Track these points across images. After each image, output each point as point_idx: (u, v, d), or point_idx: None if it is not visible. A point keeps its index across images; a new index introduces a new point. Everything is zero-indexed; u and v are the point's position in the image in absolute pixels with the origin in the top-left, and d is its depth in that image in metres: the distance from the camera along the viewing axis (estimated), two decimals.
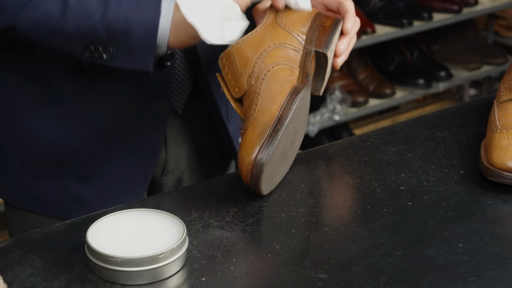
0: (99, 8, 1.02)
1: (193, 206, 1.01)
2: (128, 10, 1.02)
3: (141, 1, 1.03)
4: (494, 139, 1.05)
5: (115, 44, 1.04)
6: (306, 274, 0.87)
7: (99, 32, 1.03)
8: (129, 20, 1.02)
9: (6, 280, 0.86)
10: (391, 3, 2.98)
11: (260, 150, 0.96)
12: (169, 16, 1.03)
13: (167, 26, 1.03)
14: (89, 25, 1.02)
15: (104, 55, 1.04)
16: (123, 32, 1.03)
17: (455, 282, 0.85)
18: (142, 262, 0.85)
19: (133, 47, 1.04)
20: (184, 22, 1.01)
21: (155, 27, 1.03)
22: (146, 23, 1.03)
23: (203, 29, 0.97)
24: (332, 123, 2.87)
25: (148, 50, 1.04)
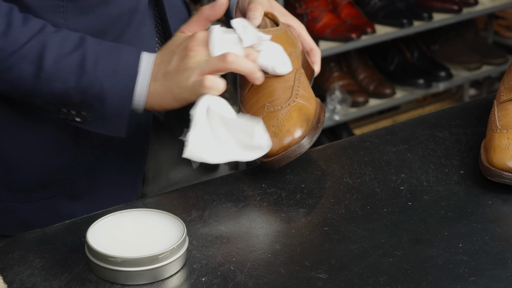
0: (74, 73, 1.01)
1: (193, 206, 1.01)
2: (103, 76, 1.01)
3: (118, 67, 1.02)
4: (494, 139, 1.05)
5: (88, 109, 1.03)
6: (306, 274, 0.87)
7: (72, 96, 1.02)
8: (104, 86, 1.01)
9: (6, 280, 0.86)
10: (391, 3, 2.98)
11: (308, 134, 1.04)
12: (146, 84, 1.03)
13: (143, 93, 1.03)
14: (63, 90, 1.02)
15: (76, 118, 1.04)
16: (97, 98, 1.02)
17: (455, 282, 0.85)
18: (142, 262, 0.85)
19: (106, 113, 1.03)
20: (159, 95, 1.02)
21: (130, 94, 1.02)
22: (121, 90, 1.02)
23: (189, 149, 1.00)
24: (332, 123, 2.87)
25: (122, 117, 1.03)
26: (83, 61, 1.02)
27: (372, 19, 2.95)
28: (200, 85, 1.00)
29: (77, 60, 1.02)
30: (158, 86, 1.03)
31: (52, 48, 1.01)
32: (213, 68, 1.00)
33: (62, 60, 1.01)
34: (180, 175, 1.28)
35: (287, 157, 1.03)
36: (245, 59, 1.02)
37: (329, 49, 2.79)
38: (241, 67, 1.01)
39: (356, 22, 2.88)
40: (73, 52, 1.02)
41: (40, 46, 1.01)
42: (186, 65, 1.01)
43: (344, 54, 3.03)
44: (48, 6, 1.06)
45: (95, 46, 1.03)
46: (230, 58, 1.00)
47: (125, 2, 1.10)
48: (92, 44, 1.03)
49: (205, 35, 1.03)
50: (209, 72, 1.00)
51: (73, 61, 1.01)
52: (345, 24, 2.85)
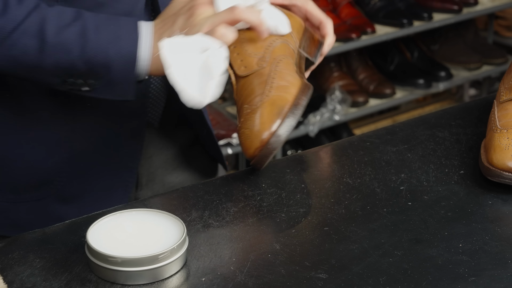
0: (77, 42, 1.01)
1: (193, 206, 1.01)
2: (107, 43, 1.02)
3: (120, 33, 1.02)
4: (494, 139, 1.05)
5: (95, 77, 1.03)
6: (306, 274, 0.87)
7: (78, 66, 1.02)
8: (108, 53, 1.02)
9: (6, 280, 0.86)
10: (391, 3, 2.98)
11: (280, 125, 1.01)
12: (149, 47, 1.03)
13: (147, 57, 1.03)
14: (68, 60, 1.01)
15: (83, 87, 1.04)
16: (103, 65, 1.02)
17: (455, 282, 0.85)
18: (142, 262, 0.85)
19: (113, 79, 1.03)
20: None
21: (134, 58, 1.02)
22: (125, 55, 1.02)
23: (183, 94, 0.99)
24: (332, 123, 2.87)
25: (128, 81, 1.03)
26: (85, 30, 1.02)
27: (372, 19, 2.95)
28: (212, 34, 1.00)
29: (78, 30, 1.02)
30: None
31: (52, 20, 1.01)
32: (223, 20, 1.01)
33: (63, 31, 1.01)
34: (174, 180, 1.28)
35: (266, 153, 1.02)
36: (253, 11, 1.03)
37: None
38: (250, 17, 1.02)
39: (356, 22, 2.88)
40: (73, 23, 1.02)
41: (39, 20, 1.01)
42: (193, 22, 1.02)
43: (344, 54, 3.03)
44: None
45: (93, 17, 1.03)
46: (238, 10, 1.01)
47: (120, 5, 1.10)
48: (90, 15, 1.04)
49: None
50: (219, 24, 1.01)
51: (75, 31, 1.01)
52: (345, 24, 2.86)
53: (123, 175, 1.19)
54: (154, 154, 1.25)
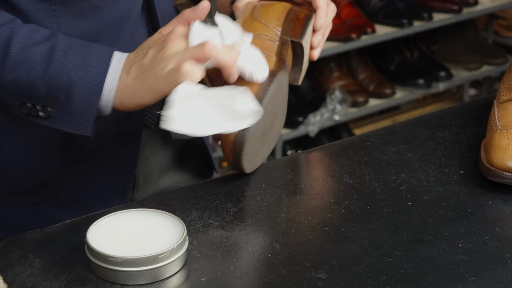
0: (42, 62, 0.98)
1: (193, 206, 1.01)
2: (72, 67, 0.98)
3: (88, 59, 0.98)
4: (494, 139, 1.05)
5: (54, 102, 0.98)
6: (306, 274, 0.87)
7: (38, 87, 0.98)
8: (72, 77, 0.97)
9: (6, 280, 0.86)
10: (391, 3, 2.98)
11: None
12: (116, 78, 0.98)
13: (113, 88, 0.98)
14: (29, 79, 0.98)
15: (40, 113, 0.99)
16: (64, 89, 0.98)
17: (455, 282, 0.85)
18: (142, 262, 0.85)
19: (73, 107, 0.98)
20: (132, 89, 0.97)
21: (99, 87, 0.98)
22: (89, 82, 0.98)
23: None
24: (332, 123, 2.87)
25: (88, 112, 0.98)
26: (52, 51, 0.98)
27: (372, 19, 2.95)
28: (177, 72, 0.94)
29: (45, 50, 0.98)
30: (131, 79, 0.98)
31: (20, 36, 0.98)
32: (191, 56, 0.96)
33: (29, 49, 0.98)
34: (170, 181, 1.28)
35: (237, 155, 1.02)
36: (224, 51, 0.97)
37: (329, 49, 2.79)
38: (220, 57, 0.96)
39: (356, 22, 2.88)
40: (42, 43, 0.99)
41: (8, 34, 0.98)
42: (162, 55, 0.97)
43: (344, 54, 3.03)
44: (41, 10, 1.05)
45: (66, 40, 1.00)
46: (209, 46, 0.95)
47: (117, 9, 1.09)
48: (63, 38, 1.00)
49: (184, 29, 1.00)
50: (187, 60, 0.96)
51: (42, 51, 0.98)
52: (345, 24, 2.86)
53: (120, 179, 1.18)
54: (150, 156, 1.25)
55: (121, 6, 1.10)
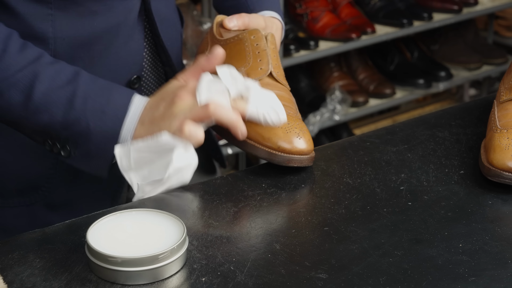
0: (62, 107, 1.00)
1: (193, 206, 1.01)
2: (91, 115, 1.01)
3: (107, 108, 1.01)
4: (494, 139, 1.05)
5: (73, 145, 1.02)
6: (306, 274, 0.87)
7: (58, 131, 1.01)
8: (90, 125, 1.00)
9: (6, 280, 0.86)
10: (391, 3, 2.98)
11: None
12: (131, 128, 1.02)
13: (128, 137, 1.02)
14: (49, 123, 1.01)
15: (62, 152, 1.03)
16: (82, 135, 1.01)
17: (455, 282, 0.85)
18: (142, 262, 0.85)
19: (90, 152, 1.02)
20: (143, 137, 1.01)
21: (115, 137, 1.01)
22: (107, 131, 1.01)
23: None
24: (332, 123, 2.87)
25: (105, 158, 1.02)
26: (73, 97, 1.01)
27: (372, 19, 2.95)
28: (180, 131, 0.99)
29: (67, 95, 1.00)
30: (143, 130, 1.02)
31: (44, 80, 1.00)
32: (195, 116, 1.00)
33: (52, 93, 1.00)
34: None
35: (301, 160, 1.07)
36: (228, 110, 1.00)
37: (329, 49, 2.79)
38: (223, 117, 1.00)
39: (356, 22, 2.88)
40: (64, 87, 1.01)
41: (32, 76, 1.00)
42: (171, 112, 1.01)
43: (344, 54, 3.03)
44: (37, 14, 1.05)
45: (88, 83, 1.02)
46: (212, 107, 0.99)
47: (113, 15, 1.10)
48: (85, 80, 1.02)
49: (194, 85, 1.03)
50: (191, 120, 1.00)
51: (63, 96, 1.00)
52: (345, 24, 2.86)
53: (112, 183, 1.18)
54: None
55: (117, 12, 1.10)
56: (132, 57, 1.15)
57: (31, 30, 1.06)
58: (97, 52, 1.10)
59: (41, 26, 1.06)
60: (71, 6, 1.06)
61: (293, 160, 1.05)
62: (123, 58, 1.13)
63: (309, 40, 2.77)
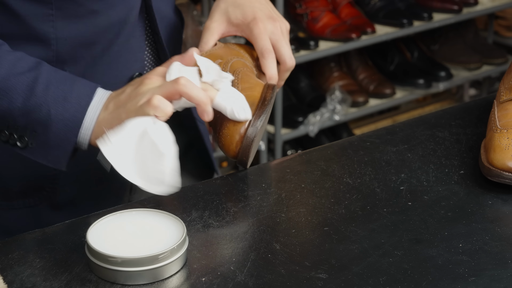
0: (22, 93, 0.98)
1: (193, 206, 1.01)
2: (52, 101, 0.98)
3: (70, 95, 0.98)
4: (494, 139, 1.05)
5: (31, 135, 0.99)
6: (306, 274, 0.87)
7: (16, 118, 0.98)
8: (51, 112, 0.98)
9: (6, 280, 0.86)
10: (391, 3, 2.98)
11: (254, 118, 1.03)
12: (95, 116, 0.99)
13: (90, 127, 0.99)
14: (8, 109, 0.98)
15: (18, 142, 1.00)
16: (41, 123, 0.98)
17: (455, 282, 0.85)
18: (142, 262, 0.85)
19: (49, 141, 0.99)
20: (107, 123, 0.98)
21: (77, 125, 0.98)
22: (68, 119, 0.98)
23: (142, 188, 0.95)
24: (332, 123, 2.87)
25: (64, 149, 0.99)
26: (34, 83, 0.98)
27: (372, 19, 2.95)
28: (147, 105, 0.95)
29: (28, 81, 0.98)
30: (107, 114, 0.99)
31: (4, 65, 0.99)
32: (163, 91, 0.96)
33: (12, 78, 0.98)
34: None
35: (247, 145, 1.03)
36: (198, 88, 0.97)
37: (329, 49, 2.79)
38: (193, 93, 0.96)
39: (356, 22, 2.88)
40: (25, 73, 0.99)
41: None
42: (138, 91, 0.98)
43: (344, 54, 3.03)
44: (37, 14, 1.05)
45: (51, 72, 1.00)
46: (183, 81, 0.95)
47: (114, 13, 1.09)
48: (48, 69, 1.01)
49: (164, 69, 1.01)
50: (160, 95, 0.96)
51: (24, 82, 0.98)
52: (345, 24, 2.86)
53: (115, 183, 1.18)
54: None
55: (118, 10, 1.10)
56: (134, 55, 1.15)
57: (33, 31, 1.05)
58: (99, 51, 1.10)
59: (42, 27, 1.06)
60: (71, 6, 1.06)
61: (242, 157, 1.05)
62: (125, 56, 1.13)
63: (309, 40, 2.77)
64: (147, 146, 0.95)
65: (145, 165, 0.95)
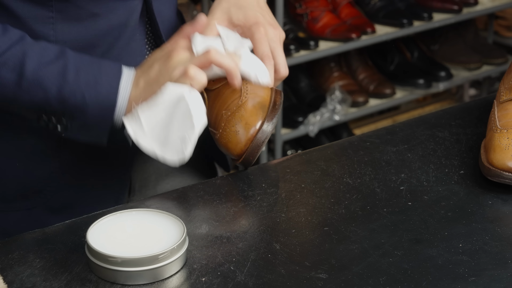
0: (56, 82, 1.00)
1: (193, 206, 1.01)
2: (85, 87, 1.01)
3: (100, 78, 1.01)
4: (494, 139, 1.05)
5: (69, 118, 1.02)
6: (306, 274, 0.87)
7: (53, 105, 1.01)
8: (85, 96, 1.01)
9: (6, 280, 0.86)
10: (391, 3, 2.98)
11: (264, 121, 1.04)
12: (127, 95, 1.02)
13: (123, 105, 1.02)
14: (44, 98, 1.01)
15: (58, 126, 1.03)
16: (78, 108, 1.01)
17: (455, 282, 0.85)
18: (142, 262, 0.85)
19: (88, 122, 1.02)
20: (142, 99, 1.01)
21: (112, 106, 1.02)
22: (103, 101, 1.01)
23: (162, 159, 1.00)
24: (332, 123, 2.87)
25: (103, 128, 1.03)
26: (65, 70, 1.01)
27: (372, 19, 2.95)
28: (184, 76, 0.99)
29: (58, 69, 1.01)
30: (140, 91, 1.02)
31: (33, 56, 1.00)
32: (196, 63, 1.00)
33: (43, 68, 1.00)
34: (168, 186, 1.28)
35: (255, 147, 1.04)
36: (228, 56, 1.01)
37: (329, 49, 2.79)
38: (224, 62, 1.01)
39: (356, 22, 2.88)
40: (54, 62, 1.01)
41: (20, 54, 1.00)
42: (169, 65, 1.01)
43: (344, 54, 3.03)
44: (38, 17, 1.05)
45: (76, 57, 1.03)
46: (213, 53, 1.00)
47: (115, 16, 1.09)
48: (73, 55, 1.03)
49: (187, 42, 1.04)
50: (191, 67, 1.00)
51: (55, 70, 1.00)
52: (345, 24, 2.86)
53: (114, 185, 1.18)
54: (148, 160, 1.24)
55: (119, 13, 1.10)
56: (134, 58, 1.14)
57: (33, 33, 1.05)
58: (99, 54, 1.10)
59: (42, 29, 1.06)
60: (72, 9, 1.06)
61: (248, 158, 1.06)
62: (125, 59, 1.13)
63: (309, 40, 2.77)
64: (181, 113, 0.98)
65: (171, 130, 0.99)
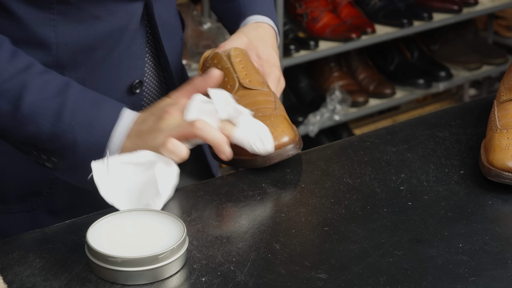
0: (50, 119, 1.00)
1: (193, 206, 1.01)
2: (79, 129, 1.00)
3: (95, 122, 1.01)
4: (494, 139, 1.05)
5: (59, 157, 1.02)
6: (306, 274, 0.87)
7: (44, 142, 1.01)
8: (77, 138, 1.00)
9: (6, 280, 0.86)
10: (391, 3, 2.98)
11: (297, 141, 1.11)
12: (119, 142, 1.02)
13: (115, 151, 1.02)
14: (36, 134, 1.00)
15: (47, 163, 1.03)
16: (68, 148, 1.01)
17: (455, 282, 0.85)
18: (142, 262, 0.85)
19: (76, 164, 1.02)
20: (128, 150, 1.01)
21: (102, 151, 1.01)
22: (94, 145, 1.01)
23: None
24: (332, 123, 2.87)
25: (91, 171, 1.00)
26: (62, 109, 1.00)
27: (372, 19, 2.96)
28: (163, 147, 0.98)
29: (55, 107, 1.00)
30: (129, 143, 1.02)
31: (33, 90, 1.00)
32: (180, 132, 0.99)
33: (40, 104, 1.00)
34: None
35: (281, 154, 1.06)
36: (215, 129, 1.00)
37: (329, 49, 2.79)
38: (209, 136, 0.99)
39: (356, 22, 2.89)
40: (53, 98, 1.00)
41: (21, 85, 1.00)
42: (158, 127, 1.01)
43: (344, 54, 3.03)
44: (39, 19, 1.05)
45: (78, 95, 1.02)
46: (199, 125, 0.98)
47: (116, 19, 1.09)
48: (75, 92, 1.02)
49: (186, 102, 1.03)
50: (176, 136, 0.99)
51: (51, 107, 1.00)
52: (345, 24, 2.86)
53: None
54: None
55: (120, 17, 1.10)
56: (134, 62, 1.14)
57: (33, 35, 1.05)
58: (99, 57, 1.10)
59: (43, 31, 1.06)
60: (73, 11, 1.06)
61: (273, 157, 1.06)
62: (125, 62, 1.13)
63: (309, 40, 2.77)
64: (149, 181, 0.98)
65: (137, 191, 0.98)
